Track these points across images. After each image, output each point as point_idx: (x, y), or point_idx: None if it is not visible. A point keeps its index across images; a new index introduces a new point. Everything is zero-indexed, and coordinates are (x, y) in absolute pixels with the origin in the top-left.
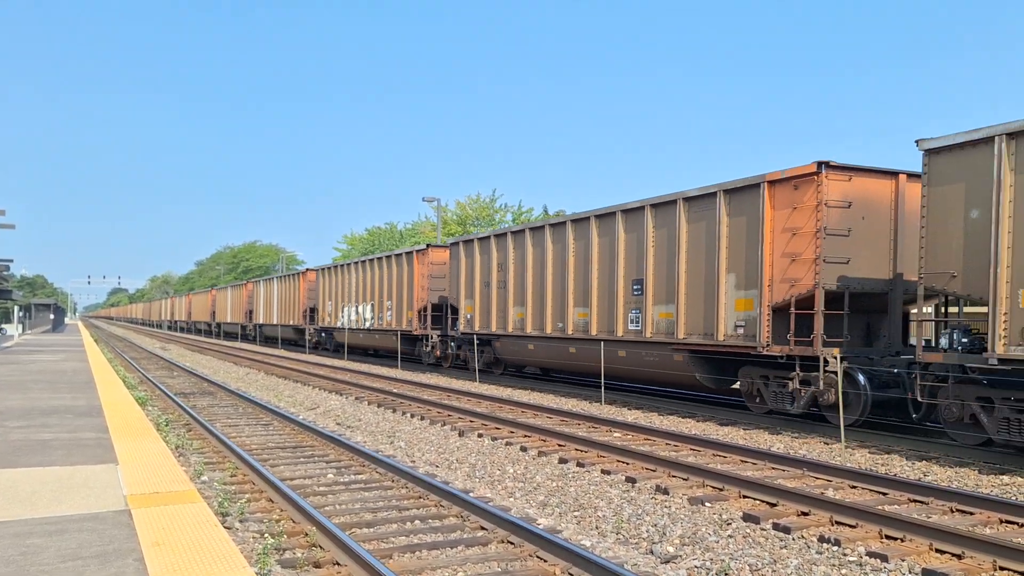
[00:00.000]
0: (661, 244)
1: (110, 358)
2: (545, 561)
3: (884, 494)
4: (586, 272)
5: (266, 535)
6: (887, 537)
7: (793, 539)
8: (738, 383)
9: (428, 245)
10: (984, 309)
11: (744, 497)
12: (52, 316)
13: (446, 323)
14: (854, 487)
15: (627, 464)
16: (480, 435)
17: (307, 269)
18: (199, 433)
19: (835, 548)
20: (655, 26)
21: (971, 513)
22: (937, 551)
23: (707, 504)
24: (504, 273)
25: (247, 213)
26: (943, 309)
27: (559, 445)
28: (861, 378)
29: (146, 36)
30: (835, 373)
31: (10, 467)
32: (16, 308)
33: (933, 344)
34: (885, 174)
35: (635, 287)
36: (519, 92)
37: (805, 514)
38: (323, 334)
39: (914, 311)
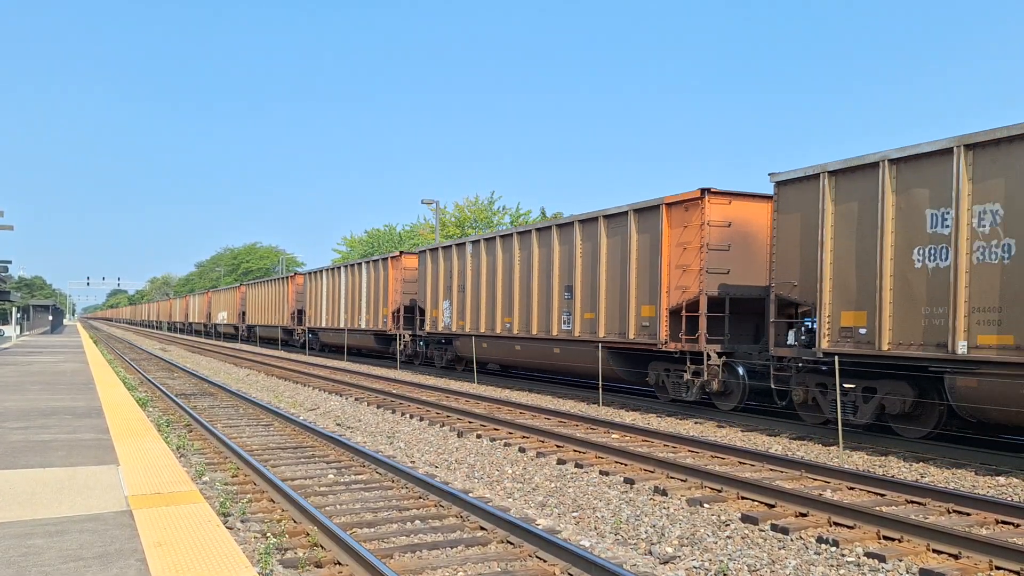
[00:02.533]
0: None
1: (110, 359)
2: (545, 561)
3: (882, 495)
4: None
5: (268, 535)
6: (885, 538)
7: (791, 540)
8: None
9: (707, 190)
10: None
11: (742, 498)
12: (51, 317)
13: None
14: (852, 488)
15: (625, 465)
16: (479, 436)
17: (401, 253)
18: (200, 434)
19: (833, 549)
20: (653, 28)
21: (968, 514)
22: (934, 551)
23: (705, 505)
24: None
25: (247, 215)
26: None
27: (557, 446)
28: None
29: (145, 36)
30: None
31: (9, 468)
32: (14, 309)
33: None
34: None
35: None
36: (517, 94)
37: (803, 515)
38: (430, 344)
39: None
